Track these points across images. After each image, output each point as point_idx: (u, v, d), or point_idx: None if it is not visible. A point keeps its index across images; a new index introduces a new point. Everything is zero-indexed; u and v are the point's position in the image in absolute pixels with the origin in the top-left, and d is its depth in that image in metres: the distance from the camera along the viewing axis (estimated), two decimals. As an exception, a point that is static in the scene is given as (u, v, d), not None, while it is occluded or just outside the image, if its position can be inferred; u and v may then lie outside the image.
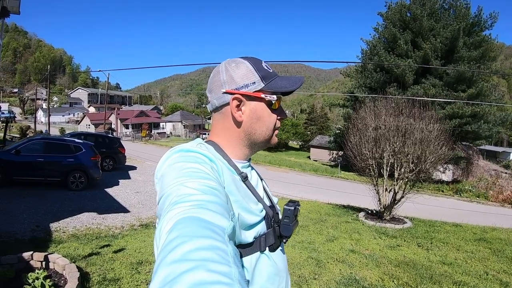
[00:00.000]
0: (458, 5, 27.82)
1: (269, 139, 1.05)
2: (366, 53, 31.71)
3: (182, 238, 0.54)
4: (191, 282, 0.45)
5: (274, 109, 1.03)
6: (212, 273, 0.47)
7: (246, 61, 1.01)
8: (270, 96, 1.00)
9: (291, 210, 1.03)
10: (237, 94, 0.99)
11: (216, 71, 1.04)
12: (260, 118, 1.01)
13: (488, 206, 17.04)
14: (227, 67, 1.02)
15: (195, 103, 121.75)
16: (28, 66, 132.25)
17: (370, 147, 8.99)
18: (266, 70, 1.02)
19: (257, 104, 1.01)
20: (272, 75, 1.02)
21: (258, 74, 0.99)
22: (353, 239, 6.91)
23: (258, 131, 1.02)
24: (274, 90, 1.00)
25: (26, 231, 6.26)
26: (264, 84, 0.99)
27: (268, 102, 1.01)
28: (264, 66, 1.03)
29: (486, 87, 26.40)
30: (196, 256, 0.50)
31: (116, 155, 15.74)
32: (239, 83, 0.99)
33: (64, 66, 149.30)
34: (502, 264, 5.80)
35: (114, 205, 9.11)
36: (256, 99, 1.00)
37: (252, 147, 1.05)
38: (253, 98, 1.00)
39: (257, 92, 0.99)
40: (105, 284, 3.96)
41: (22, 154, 9.81)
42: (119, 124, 51.01)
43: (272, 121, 1.03)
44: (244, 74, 1.00)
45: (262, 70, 1.00)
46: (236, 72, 1.00)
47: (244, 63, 1.01)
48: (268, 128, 1.03)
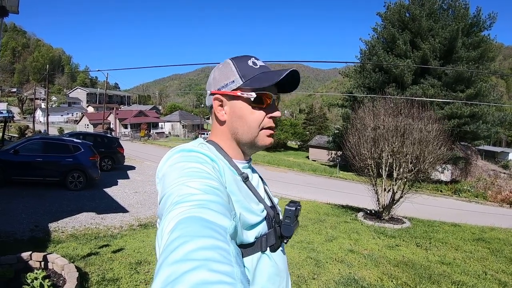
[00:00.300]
0: (457, 5, 27.84)
1: (254, 138, 1.01)
2: (365, 53, 31.72)
3: (184, 238, 0.55)
4: (193, 282, 0.45)
5: (262, 107, 1.00)
6: (214, 272, 0.47)
7: (230, 61, 1.02)
8: (248, 93, 0.97)
9: (292, 211, 1.03)
10: (217, 94, 1.01)
11: (210, 75, 1.07)
12: (241, 116, 0.99)
13: (487, 206, 17.08)
14: (215, 69, 1.05)
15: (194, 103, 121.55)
16: (26, 66, 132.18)
17: (369, 147, 8.99)
18: (250, 67, 1.00)
19: (237, 103, 1.00)
20: (255, 71, 0.99)
21: (238, 72, 0.99)
22: (352, 239, 6.91)
23: (240, 130, 1.00)
24: (253, 87, 0.97)
25: (25, 231, 6.25)
26: (242, 82, 0.98)
27: (247, 99, 0.98)
28: (250, 63, 1.01)
29: (485, 87, 26.44)
30: (198, 256, 0.50)
31: (115, 155, 15.71)
32: (220, 83, 1.01)
33: (62, 65, 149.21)
34: (501, 264, 5.80)
35: (113, 205, 9.10)
36: (235, 97, 0.99)
37: (241, 147, 1.04)
38: (233, 97, 1.00)
39: (234, 91, 0.98)
40: (104, 284, 3.95)
41: (21, 154, 9.79)
42: (118, 124, 50.97)
43: (255, 119, 0.99)
44: (225, 74, 1.01)
45: (244, 68, 0.99)
46: (219, 72, 1.02)
47: (228, 63, 1.02)
48: (250, 127, 1.00)
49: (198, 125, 64.75)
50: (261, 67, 1.02)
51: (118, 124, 50.93)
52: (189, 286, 0.44)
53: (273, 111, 1.02)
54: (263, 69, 1.01)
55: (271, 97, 1.00)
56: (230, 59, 1.03)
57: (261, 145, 1.03)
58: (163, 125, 62.15)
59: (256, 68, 1.00)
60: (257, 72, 0.99)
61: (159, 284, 0.47)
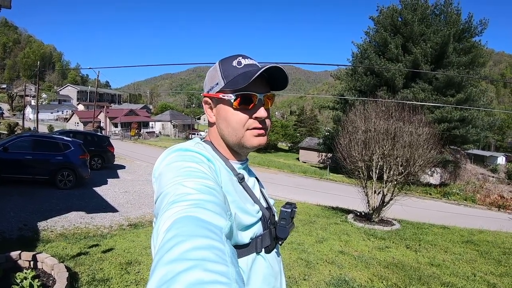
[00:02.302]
0: (449, 11, 28.11)
1: (239, 139, 0.99)
2: (357, 57, 31.88)
3: (180, 238, 0.55)
4: (189, 282, 0.45)
5: (247, 108, 0.97)
6: (210, 272, 0.47)
7: (218, 63, 1.02)
8: (228, 95, 0.96)
9: (288, 212, 1.03)
10: (206, 97, 1.04)
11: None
12: (225, 118, 0.99)
13: (475, 209, 17.24)
14: (208, 71, 1.06)
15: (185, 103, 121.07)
16: (17, 62, 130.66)
17: (360, 149, 9.05)
18: (233, 67, 0.98)
19: (221, 105, 1.00)
20: (237, 72, 0.97)
21: (221, 74, 0.98)
22: (342, 241, 6.94)
23: (225, 132, 1.00)
24: (231, 88, 0.96)
25: (14, 230, 6.16)
26: (224, 84, 0.98)
27: (228, 101, 0.97)
28: (234, 63, 0.99)
29: (475, 92, 26.74)
30: (193, 256, 0.50)
31: (105, 154, 15.58)
32: (208, 86, 1.03)
33: (53, 62, 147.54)
34: (489, 265, 5.88)
35: (102, 204, 9.01)
36: (219, 100, 1.00)
37: (231, 148, 1.04)
38: (217, 99, 1.00)
39: (217, 93, 0.99)
40: (94, 284, 3.91)
41: (10, 152, 9.65)
42: (108, 123, 50.57)
43: (238, 120, 0.97)
44: (212, 77, 1.02)
45: (227, 69, 0.98)
46: (208, 75, 1.04)
47: (215, 65, 1.02)
48: (234, 128, 0.98)
49: (189, 125, 64.61)
50: (245, 66, 0.98)
51: (108, 123, 50.52)
52: (184, 285, 0.44)
53: (258, 111, 0.98)
54: (246, 68, 0.98)
55: (256, 97, 0.97)
56: (219, 61, 1.03)
57: (248, 145, 1.00)
58: (154, 125, 61.86)
59: (239, 68, 0.98)
60: (239, 72, 0.97)
61: (154, 283, 0.47)
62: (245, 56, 1.02)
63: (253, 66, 0.99)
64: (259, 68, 0.93)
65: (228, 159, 1.02)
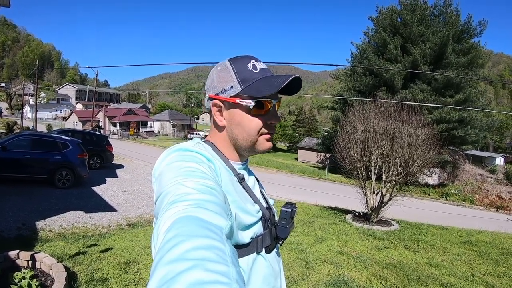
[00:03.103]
0: (448, 12, 28.13)
1: (253, 144, 0.99)
2: (356, 57, 31.87)
3: (180, 238, 0.54)
4: (189, 282, 0.45)
5: (261, 114, 0.97)
6: (210, 272, 0.47)
7: (228, 63, 0.99)
8: (246, 101, 0.94)
9: (288, 212, 1.03)
10: (216, 100, 0.99)
11: (209, 75, 1.04)
12: (240, 123, 0.97)
13: (474, 209, 17.30)
14: (213, 71, 1.02)
15: (183, 102, 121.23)
16: (16, 61, 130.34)
17: (359, 149, 9.05)
18: (249, 71, 0.96)
19: (236, 110, 0.97)
20: (255, 76, 0.96)
21: (237, 78, 0.96)
22: (341, 241, 6.94)
23: (239, 137, 0.99)
24: (252, 95, 0.94)
25: (12, 229, 6.15)
26: (241, 88, 0.95)
27: (246, 107, 0.96)
28: (249, 66, 0.97)
29: (474, 93, 26.75)
30: (194, 256, 0.50)
31: (104, 153, 15.56)
32: (218, 88, 0.98)
33: (52, 61, 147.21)
34: (488, 266, 5.89)
35: (101, 203, 9.00)
36: (234, 104, 0.97)
37: (239, 151, 1.03)
38: (231, 104, 0.97)
39: (233, 98, 0.96)
40: (93, 284, 3.91)
41: (8, 150, 9.63)
42: (107, 122, 50.54)
43: (253, 126, 0.97)
44: (223, 78, 0.98)
45: (243, 72, 0.96)
46: (218, 76, 0.99)
47: (226, 66, 0.98)
48: (249, 134, 0.98)
49: (188, 125, 64.51)
50: (261, 70, 0.98)
51: (107, 122, 50.49)
52: (185, 285, 0.44)
53: (272, 117, 1.00)
54: (263, 73, 0.97)
55: (271, 103, 0.98)
56: (229, 61, 0.99)
57: (261, 149, 1.01)
58: (153, 124, 61.79)
59: (256, 72, 0.97)
60: (257, 77, 0.96)
61: (155, 283, 0.47)
62: (257, 59, 1.01)
63: (267, 71, 0.99)
64: (284, 77, 0.93)
65: (229, 159, 1.01)
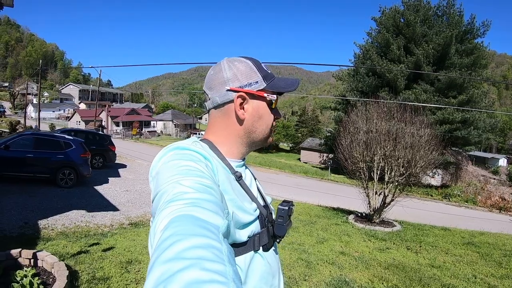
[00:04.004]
0: (452, 12, 28.10)
1: (267, 137, 1.08)
2: (358, 57, 31.90)
3: (177, 237, 0.54)
4: (186, 281, 0.44)
5: (272, 109, 1.06)
6: (207, 271, 0.47)
7: (248, 61, 1.03)
8: (271, 95, 1.02)
9: (285, 210, 1.03)
10: (242, 92, 0.99)
11: (217, 69, 1.03)
12: (262, 116, 1.03)
13: (476, 211, 17.22)
14: (229, 65, 1.02)
15: (186, 102, 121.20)
16: (19, 60, 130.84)
17: (361, 150, 9.04)
18: (266, 70, 1.04)
19: (259, 103, 1.02)
20: (271, 75, 1.05)
21: (260, 74, 1.02)
22: (342, 241, 6.94)
23: (259, 129, 1.04)
24: (275, 90, 1.03)
25: (14, 227, 6.17)
26: (266, 84, 1.02)
27: (269, 101, 1.03)
28: (263, 66, 1.05)
29: (477, 94, 26.70)
30: (190, 255, 0.50)
31: (106, 153, 15.58)
32: (243, 82, 1.00)
33: (55, 61, 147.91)
34: (490, 267, 5.87)
35: (103, 203, 9.02)
36: (259, 98, 1.02)
37: (250, 145, 1.07)
38: (256, 97, 1.02)
39: (260, 91, 1.01)
40: (94, 283, 3.92)
41: (12, 150, 9.67)
42: (110, 122, 50.69)
43: (271, 120, 1.06)
44: (247, 73, 1.01)
45: (263, 70, 1.03)
46: (239, 70, 1.01)
47: (247, 62, 1.02)
48: (267, 127, 1.05)
49: (190, 125, 64.58)
50: (271, 71, 1.07)
51: (110, 122, 50.65)
52: (181, 285, 0.44)
53: (278, 113, 1.09)
54: (273, 74, 1.06)
55: (276, 101, 1.06)
56: (247, 59, 1.04)
57: (268, 143, 1.11)
58: (155, 124, 61.90)
59: (269, 72, 1.06)
60: (273, 76, 1.05)
61: (151, 283, 0.46)
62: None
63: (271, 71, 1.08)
64: (294, 80, 1.08)
65: (227, 158, 1.01)
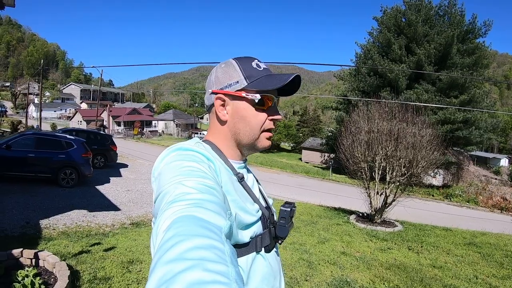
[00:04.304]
0: (453, 12, 28.02)
1: (255, 140, 1.02)
2: (360, 57, 31.84)
3: (179, 237, 0.54)
4: (188, 282, 0.44)
5: (264, 109, 1.01)
6: (209, 272, 0.47)
7: (234, 61, 1.02)
8: (253, 95, 0.97)
9: (287, 211, 1.03)
10: (220, 94, 1.00)
11: (210, 73, 1.06)
12: (244, 117, 1.00)
13: (478, 211, 17.19)
14: (217, 68, 1.04)
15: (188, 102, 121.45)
16: (21, 60, 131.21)
17: (363, 150, 9.03)
18: (254, 69, 1.00)
19: (240, 103, 1.00)
20: (260, 73, 1.00)
21: (243, 73, 0.99)
22: (344, 242, 6.93)
23: (242, 131, 1.00)
24: (257, 88, 0.97)
25: (16, 227, 6.18)
26: (247, 83, 0.98)
27: (251, 101, 0.99)
28: (253, 64, 1.01)
29: (478, 93, 26.63)
30: (193, 255, 0.50)
31: (108, 153, 15.60)
32: (223, 83, 1.01)
33: (57, 61, 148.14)
34: (492, 268, 5.86)
35: (104, 203, 9.03)
36: (238, 98, 0.99)
37: (240, 148, 1.04)
38: (236, 97, 1.00)
39: (239, 91, 0.98)
40: (96, 283, 3.92)
41: (13, 149, 9.69)
42: (111, 121, 50.74)
43: (257, 121, 1.00)
44: (229, 74, 1.00)
45: (248, 69, 1.00)
46: (222, 72, 1.02)
47: (232, 63, 1.02)
48: (252, 129, 1.00)
49: (192, 125, 64.58)
50: (264, 69, 1.02)
51: (111, 122, 50.70)
52: (184, 285, 0.44)
53: (275, 114, 1.03)
54: (266, 72, 1.01)
55: (272, 100, 1.01)
56: (234, 60, 1.03)
57: (260, 147, 1.04)
58: (157, 124, 61.93)
59: (260, 70, 1.01)
60: (262, 74, 1.00)
61: (153, 283, 0.46)
62: (259, 59, 1.05)
63: (269, 71, 1.03)
64: (287, 74, 0.97)
65: (229, 159, 1.01)
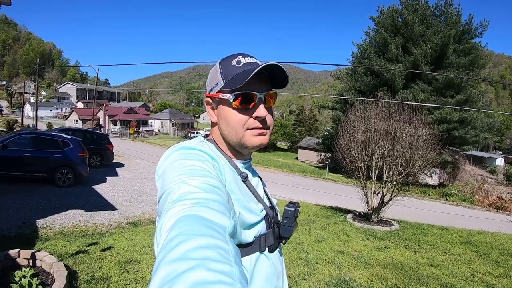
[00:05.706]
0: (450, 12, 28.10)
1: (240, 139, 0.98)
2: (356, 57, 31.88)
3: (183, 237, 0.54)
4: (192, 281, 0.44)
5: (247, 108, 0.96)
6: (213, 272, 0.47)
7: (218, 62, 1.02)
8: (227, 95, 0.95)
9: (291, 211, 1.03)
10: (207, 97, 1.03)
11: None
12: (225, 118, 0.99)
13: (474, 210, 17.29)
14: (210, 71, 1.06)
15: (184, 101, 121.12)
16: (16, 59, 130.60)
17: (360, 149, 9.05)
18: (233, 66, 0.97)
19: (222, 105, 0.99)
20: (237, 71, 0.96)
21: (221, 74, 0.98)
22: (341, 241, 6.94)
23: (226, 132, 1.00)
24: (230, 87, 0.95)
25: (13, 227, 6.15)
26: (223, 84, 0.97)
27: (228, 101, 0.96)
28: (233, 62, 0.98)
29: (474, 93, 26.73)
30: (196, 255, 0.49)
31: (104, 152, 15.55)
32: (209, 86, 1.03)
33: (53, 60, 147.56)
34: (488, 266, 5.88)
35: (101, 202, 9.00)
36: (219, 100, 0.99)
37: (232, 147, 1.03)
38: (218, 99, 1.00)
39: (217, 93, 0.98)
40: (94, 283, 3.91)
41: (9, 149, 9.63)
42: (107, 121, 50.56)
43: (237, 120, 0.96)
44: (213, 76, 1.01)
45: (227, 69, 0.98)
46: (210, 75, 1.04)
47: (216, 65, 1.02)
48: (234, 128, 0.97)
49: (188, 124, 64.45)
50: (244, 64, 0.97)
51: (107, 121, 50.52)
52: (187, 285, 0.43)
53: (258, 111, 0.97)
54: (245, 67, 0.96)
55: (255, 96, 0.96)
56: (220, 60, 1.02)
57: (249, 145, 0.99)
58: (153, 123, 61.71)
59: (239, 67, 0.97)
60: (238, 71, 0.96)
61: (157, 283, 0.46)
62: (245, 54, 1.01)
63: (252, 65, 0.98)
64: (256, 67, 0.92)
65: (232, 158, 1.01)
